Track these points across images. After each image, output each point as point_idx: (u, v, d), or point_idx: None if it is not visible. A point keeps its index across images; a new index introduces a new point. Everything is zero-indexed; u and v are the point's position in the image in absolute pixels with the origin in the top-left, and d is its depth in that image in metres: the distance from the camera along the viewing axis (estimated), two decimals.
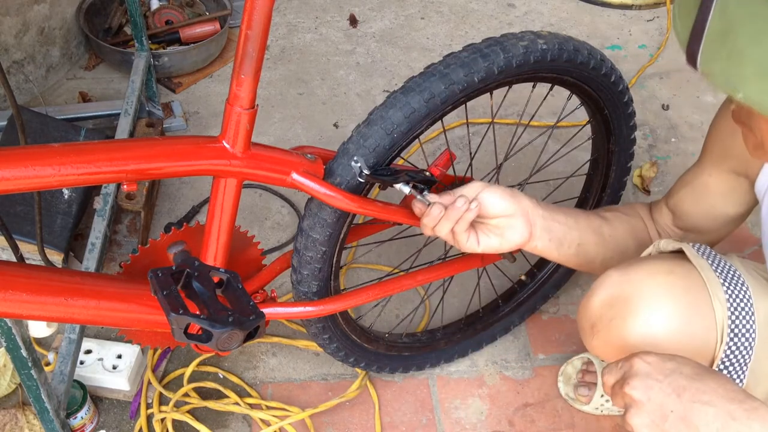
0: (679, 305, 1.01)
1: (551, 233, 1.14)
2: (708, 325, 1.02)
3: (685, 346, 1.00)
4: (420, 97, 1.10)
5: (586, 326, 1.10)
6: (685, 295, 1.02)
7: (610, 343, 1.06)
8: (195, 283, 0.99)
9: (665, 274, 1.04)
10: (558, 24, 2.47)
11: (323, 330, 1.32)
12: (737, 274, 1.07)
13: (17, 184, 0.85)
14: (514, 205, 1.10)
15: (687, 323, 1.02)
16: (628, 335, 1.02)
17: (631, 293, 1.03)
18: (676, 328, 1.01)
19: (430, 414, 1.50)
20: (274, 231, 1.82)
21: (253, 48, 0.94)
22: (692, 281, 1.04)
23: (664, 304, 1.01)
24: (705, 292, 1.03)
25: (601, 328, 1.06)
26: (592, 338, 1.09)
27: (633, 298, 1.03)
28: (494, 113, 1.43)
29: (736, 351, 1.02)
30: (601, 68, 1.25)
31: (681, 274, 1.04)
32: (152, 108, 2.03)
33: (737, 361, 1.03)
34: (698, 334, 1.02)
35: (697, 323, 1.02)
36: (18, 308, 0.95)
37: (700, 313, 1.02)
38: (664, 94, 2.23)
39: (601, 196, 1.50)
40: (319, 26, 2.43)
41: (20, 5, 1.97)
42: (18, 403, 1.44)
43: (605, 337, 1.06)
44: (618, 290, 1.05)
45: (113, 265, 1.64)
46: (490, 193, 1.09)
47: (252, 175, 1.05)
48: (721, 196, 1.17)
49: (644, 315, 1.01)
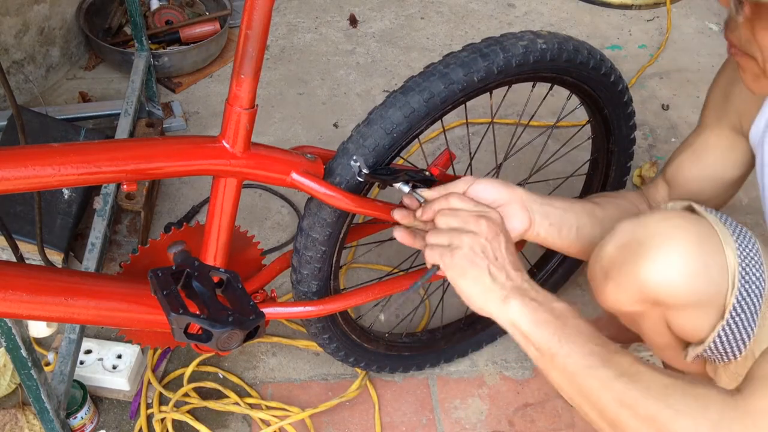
0: (694, 247, 1.00)
1: (550, 218, 1.13)
2: (721, 270, 1.01)
3: (700, 289, 1.00)
4: (419, 97, 1.10)
5: (598, 275, 1.08)
6: (698, 238, 1.01)
7: (623, 286, 1.04)
8: (195, 283, 0.99)
9: (678, 218, 1.04)
10: (558, 24, 2.47)
11: (323, 330, 1.33)
12: (744, 228, 1.07)
13: (17, 184, 0.85)
14: (508, 192, 1.09)
15: (703, 266, 1.00)
16: (643, 276, 1.01)
17: (645, 236, 1.02)
18: (693, 271, 1.00)
19: (430, 414, 1.50)
20: (274, 231, 1.82)
21: (253, 48, 0.94)
22: (704, 228, 1.03)
23: (680, 244, 1.00)
24: (716, 238, 1.02)
25: (614, 274, 1.04)
26: (605, 285, 1.07)
27: (647, 240, 1.01)
28: (494, 113, 1.43)
29: (747, 298, 1.02)
30: (600, 68, 1.25)
31: (693, 221, 1.03)
32: (152, 108, 2.03)
33: (748, 308, 1.02)
34: (713, 278, 1.01)
35: (712, 266, 1.01)
36: (18, 308, 0.95)
37: (714, 258, 1.01)
38: (664, 94, 2.23)
39: None
40: (319, 26, 2.43)
41: (20, 5, 1.97)
42: (18, 403, 1.44)
43: (618, 282, 1.04)
44: (631, 235, 1.04)
45: (113, 265, 1.64)
46: (481, 185, 1.09)
47: (252, 175, 1.05)
48: (721, 156, 1.17)
49: (660, 255, 1.00)
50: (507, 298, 0.96)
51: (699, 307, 1.03)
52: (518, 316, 0.95)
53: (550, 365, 0.94)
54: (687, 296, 1.00)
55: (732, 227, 1.05)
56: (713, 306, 1.02)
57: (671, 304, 1.03)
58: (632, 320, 1.16)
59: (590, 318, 1.66)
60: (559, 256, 1.60)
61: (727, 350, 1.06)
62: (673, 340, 1.12)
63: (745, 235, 1.05)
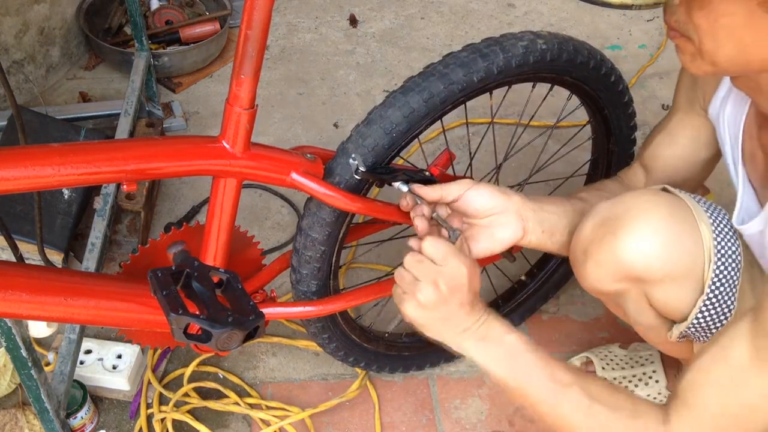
0: (667, 219, 1.04)
1: (543, 225, 1.14)
2: (696, 244, 1.05)
3: (676, 261, 1.03)
4: (419, 97, 1.10)
5: (578, 254, 1.11)
6: (672, 212, 1.05)
7: (603, 263, 1.07)
8: (195, 283, 0.99)
9: (653, 194, 1.08)
10: (558, 24, 2.47)
11: (323, 330, 1.33)
12: (718, 206, 1.10)
13: (17, 184, 0.85)
14: (504, 201, 1.10)
15: (677, 238, 1.03)
16: (619, 250, 1.04)
17: (620, 212, 1.06)
18: (667, 241, 1.03)
19: (430, 414, 1.50)
20: (274, 231, 1.82)
21: (253, 48, 0.94)
22: (678, 205, 1.07)
23: (654, 217, 1.03)
24: (690, 214, 1.06)
25: (593, 251, 1.07)
26: (585, 265, 1.10)
27: (623, 216, 1.05)
28: (494, 113, 1.43)
29: (725, 271, 1.05)
30: (600, 68, 1.25)
31: (667, 197, 1.08)
32: (152, 108, 2.03)
33: (727, 282, 1.05)
34: (688, 250, 1.04)
35: (686, 239, 1.04)
36: (18, 308, 0.95)
37: (688, 231, 1.05)
38: (664, 94, 2.23)
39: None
40: (319, 26, 2.43)
41: (20, 5, 1.97)
42: (18, 403, 1.44)
43: (597, 259, 1.07)
44: (608, 213, 1.07)
45: (113, 265, 1.64)
46: (477, 191, 1.09)
47: (252, 175, 1.05)
48: (694, 137, 1.19)
49: (634, 228, 1.03)
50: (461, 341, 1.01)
51: (677, 281, 1.05)
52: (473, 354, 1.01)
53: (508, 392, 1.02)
54: (663, 269, 1.03)
55: (705, 205, 1.08)
56: (692, 280, 1.05)
57: (649, 278, 1.05)
58: (616, 304, 1.18)
59: (590, 318, 1.66)
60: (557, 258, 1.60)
61: (710, 326, 1.08)
62: (656, 320, 1.14)
63: (719, 212, 1.08)
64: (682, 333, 1.11)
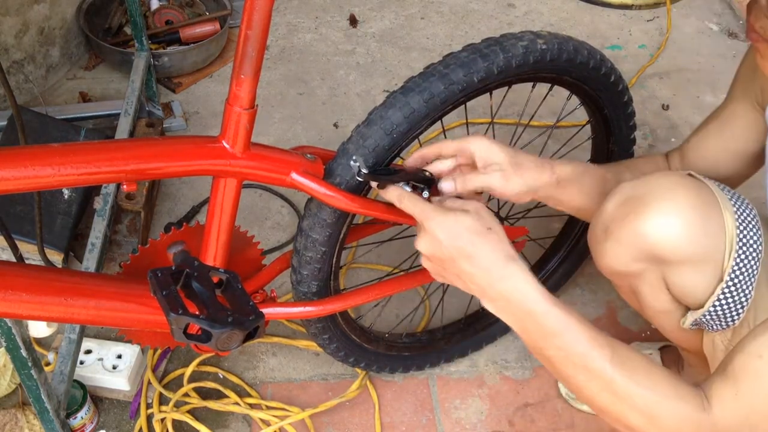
0: (693, 202, 1.02)
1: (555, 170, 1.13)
2: (719, 230, 1.03)
3: (697, 244, 1.02)
4: (419, 97, 1.10)
5: (599, 232, 1.09)
6: (698, 196, 1.03)
7: (623, 242, 1.05)
8: (194, 283, 0.99)
9: (679, 176, 1.06)
10: (558, 24, 2.47)
11: (323, 330, 1.33)
12: (743, 197, 1.09)
13: (17, 184, 0.85)
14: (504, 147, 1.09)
15: (700, 221, 1.02)
16: (642, 230, 1.02)
17: (644, 192, 1.04)
18: (690, 223, 1.01)
19: (430, 414, 1.50)
20: (274, 231, 1.82)
21: (252, 48, 0.94)
22: (703, 190, 1.05)
23: (679, 199, 1.02)
24: (715, 201, 1.04)
25: (614, 228, 1.06)
26: (605, 243, 1.08)
27: (647, 195, 1.03)
28: (494, 113, 1.43)
29: (746, 260, 1.03)
30: (600, 68, 1.25)
31: (693, 181, 1.06)
32: (152, 108, 2.03)
33: (747, 271, 1.04)
34: (711, 235, 1.03)
35: (710, 224, 1.03)
36: (18, 308, 0.95)
37: (712, 216, 1.03)
38: (664, 94, 2.23)
39: None
40: (319, 26, 2.43)
41: (20, 5, 1.97)
42: (18, 403, 1.44)
43: (618, 237, 1.05)
44: (631, 192, 1.06)
45: (113, 265, 1.64)
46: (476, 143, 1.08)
47: (252, 175, 1.05)
48: (745, 128, 1.17)
49: (659, 208, 1.01)
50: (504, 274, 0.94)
51: (697, 265, 1.04)
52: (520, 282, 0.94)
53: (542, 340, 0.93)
54: (685, 250, 1.02)
55: (730, 194, 1.07)
56: (712, 266, 1.04)
57: (670, 259, 1.04)
58: (629, 287, 1.16)
59: (591, 318, 1.66)
60: (559, 256, 1.60)
61: (726, 315, 1.07)
62: (671, 304, 1.13)
63: (743, 201, 1.07)
64: (696, 321, 1.10)
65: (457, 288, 1.01)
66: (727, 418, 0.87)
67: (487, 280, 0.94)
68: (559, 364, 0.92)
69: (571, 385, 0.94)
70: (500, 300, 0.94)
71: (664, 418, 0.88)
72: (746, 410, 0.87)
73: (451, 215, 0.96)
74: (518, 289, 0.93)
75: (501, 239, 0.95)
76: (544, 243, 1.64)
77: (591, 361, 0.89)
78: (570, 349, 0.90)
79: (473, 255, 0.94)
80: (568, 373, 0.92)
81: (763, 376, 0.86)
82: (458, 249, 0.95)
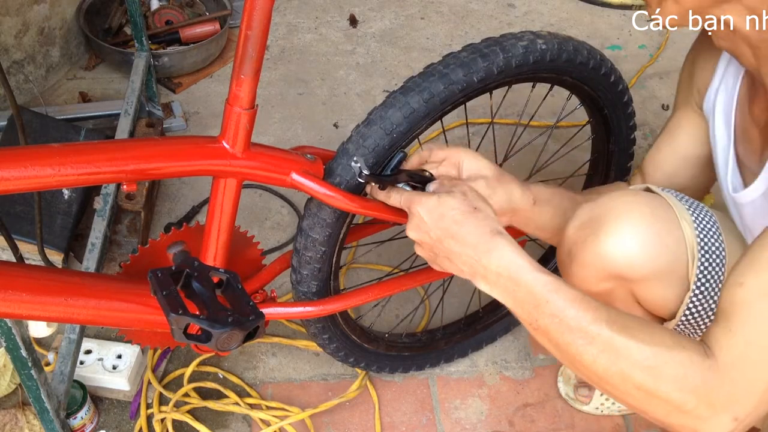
0: (647, 219, 1.05)
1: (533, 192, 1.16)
2: (678, 241, 1.05)
3: (657, 259, 1.04)
4: (419, 97, 1.10)
5: (564, 257, 1.12)
6: (652, 211, 1.06)
7: (587, 264, 1.07)
8: (195, 283, 0.99)
9: (632, 195, 1.09)
10: (558, 24, 2.47)
11: (323, 330, 1.33)
12: (701, 204, 1.11)
13: (17, 184, 0.85)
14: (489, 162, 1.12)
15: (657, 236, 1.04)
16: (601, 250, 1.05)
17: (601, 213, 1.07)
18: (647, 239, 1.04)
19: (430, 414, 1.50)
20: (273, 231, 1.82)
21: (253, 48, 0.94)
22: (659, 203, 1.08)
23: (634, 216, 1.04)
24: (672, 212, 1.07)
25: (577, 251, 1.08)
26: (571, 266, 1.10)
27: (603, 216, 1.06)
28: (494, 113, 1.43)
29: (709, 267, 1.05)
30: (600, 68, 1.25)
31: (647, 197, 1.09)
32: (152, 108, 2.03)
33: (712, 277, 1.06)
34: (670, 248, 1.05)
35: (667, 237, 1.05)
36: (18, 308, 0.95)
37: (669, 229, 1.05)
38: (664, 94, 2.23)
39: None
40: (319, 26, 2.43)
41: (20, 5, 1.97)
42: (18, 403, 1.44)
43: (581, 259, 1.08)
44: (589, 215, 1.08)
45: (113, 265, 1.64)
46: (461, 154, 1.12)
47: (252, 175, 1.05)
48: (692, 133, 1.19)
49: (615, 228, 1.04)
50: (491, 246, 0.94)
51: (663, 278, 1.06)
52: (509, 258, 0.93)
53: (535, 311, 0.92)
54: (646, 266, 1.04)
55: (688, 203, 1.09)
56: (676, 277, 1.06)
57: (632, 277, 1.06)
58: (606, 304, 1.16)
59: None
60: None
61: (699, 323, 1.08)
62: (646, 317, 1.14)
63: (702, 209, 1.09)
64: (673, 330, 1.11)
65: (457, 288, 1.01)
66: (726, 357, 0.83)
67: (474, 257, 0.95)
68: (554, 332, 0.90)
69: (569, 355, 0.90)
70: (490, 275, 0.94)
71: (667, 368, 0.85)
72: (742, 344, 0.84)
73: (434, 197, 0.98)
74: (505, 258, 0.93)
75: (487, 216, 0.97)
76: (544, 243, 1.64)
77: (587, 322, 0.87)
78: (563, 312, 0.89)
79: (458, 234, 0.96)
80: (565, 340, 0.89)
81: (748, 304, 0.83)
82: (444, 229, 0.96)
